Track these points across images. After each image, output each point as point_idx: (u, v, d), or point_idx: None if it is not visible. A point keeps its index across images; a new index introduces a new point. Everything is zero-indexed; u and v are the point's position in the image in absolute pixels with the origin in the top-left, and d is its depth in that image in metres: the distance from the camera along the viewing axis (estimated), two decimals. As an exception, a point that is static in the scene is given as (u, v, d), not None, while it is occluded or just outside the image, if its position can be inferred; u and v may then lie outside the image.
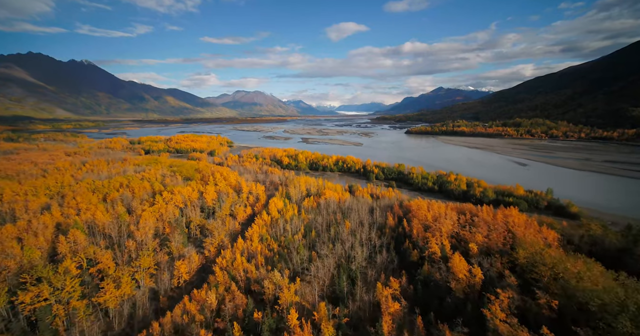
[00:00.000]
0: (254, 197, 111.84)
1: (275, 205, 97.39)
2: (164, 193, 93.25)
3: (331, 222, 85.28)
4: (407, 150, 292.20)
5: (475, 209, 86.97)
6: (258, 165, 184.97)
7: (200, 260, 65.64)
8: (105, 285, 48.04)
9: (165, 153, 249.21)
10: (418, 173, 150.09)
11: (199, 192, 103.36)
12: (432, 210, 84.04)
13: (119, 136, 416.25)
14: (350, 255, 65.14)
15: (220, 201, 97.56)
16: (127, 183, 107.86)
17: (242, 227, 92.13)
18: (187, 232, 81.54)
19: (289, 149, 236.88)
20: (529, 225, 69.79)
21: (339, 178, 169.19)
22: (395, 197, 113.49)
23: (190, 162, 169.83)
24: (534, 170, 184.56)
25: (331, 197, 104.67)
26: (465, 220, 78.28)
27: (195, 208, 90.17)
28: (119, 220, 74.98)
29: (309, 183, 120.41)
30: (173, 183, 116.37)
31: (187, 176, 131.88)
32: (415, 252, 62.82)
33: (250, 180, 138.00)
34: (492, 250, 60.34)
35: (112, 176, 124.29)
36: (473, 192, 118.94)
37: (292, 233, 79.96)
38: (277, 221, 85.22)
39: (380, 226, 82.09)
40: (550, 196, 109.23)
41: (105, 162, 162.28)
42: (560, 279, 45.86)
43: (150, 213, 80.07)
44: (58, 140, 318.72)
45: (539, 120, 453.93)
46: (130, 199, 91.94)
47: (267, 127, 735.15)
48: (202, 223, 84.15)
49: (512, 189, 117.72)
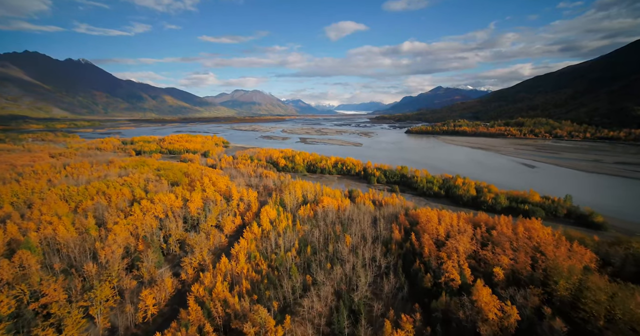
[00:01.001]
0: (245, 205, 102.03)
1: (268, 215, 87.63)
2: (142, 201, 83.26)
3: (329, 236, 75.55)
4: (408, 151, 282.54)
5: (491, 220, 77.44)
6: (253, 167, 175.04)
7: (175, 285, 55.77)
8: (39, 331, 38.06)
9: (157, 154, 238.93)
10: (422, 177, 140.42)
11: (183, 199, 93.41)
12: (443, 222, 74.39)
13: (113, 136, 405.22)
14: (352, 280, 55.41)
15: (207, 210, 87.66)
16: (105, 189, 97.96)
17: (230, 239, 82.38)
18: (165, 248, 71.65)
19: (286, 150, 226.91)
20: (559, 243, 60.23)
21: (338, 182, 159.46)
22: (400, 204, 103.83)
23: (180, 164, 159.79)
24: (544, 173, 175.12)
25: (329, 204, 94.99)
26: (482, 234, 68.81)
27: (177, 219, 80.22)
28: (85, 236, 65.08)
29: (305, 189, 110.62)
30: (157, 189, 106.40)
31: (174, 180, 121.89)
32: (428, 276, 53.10)
33: (243, 184, 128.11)
34: (520, 275, 50.74)
35: (91, 180, 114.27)
36: (484, 198, 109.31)
37: (284, 249, 70.18)
38: (269, 234, 75.43)
39: (385, 240, 72.35)
40: (569, 203, 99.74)
41: (88, 164, 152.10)
42: (619, 321, 36.26)
43: (123, 226, 70.14)
44: (47, 141, 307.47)
45: (542, 120, 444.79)
46: (104, 209, 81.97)
47: (265, 127, 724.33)
48: (183, 238, 74.23)
49: (527, 195, 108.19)
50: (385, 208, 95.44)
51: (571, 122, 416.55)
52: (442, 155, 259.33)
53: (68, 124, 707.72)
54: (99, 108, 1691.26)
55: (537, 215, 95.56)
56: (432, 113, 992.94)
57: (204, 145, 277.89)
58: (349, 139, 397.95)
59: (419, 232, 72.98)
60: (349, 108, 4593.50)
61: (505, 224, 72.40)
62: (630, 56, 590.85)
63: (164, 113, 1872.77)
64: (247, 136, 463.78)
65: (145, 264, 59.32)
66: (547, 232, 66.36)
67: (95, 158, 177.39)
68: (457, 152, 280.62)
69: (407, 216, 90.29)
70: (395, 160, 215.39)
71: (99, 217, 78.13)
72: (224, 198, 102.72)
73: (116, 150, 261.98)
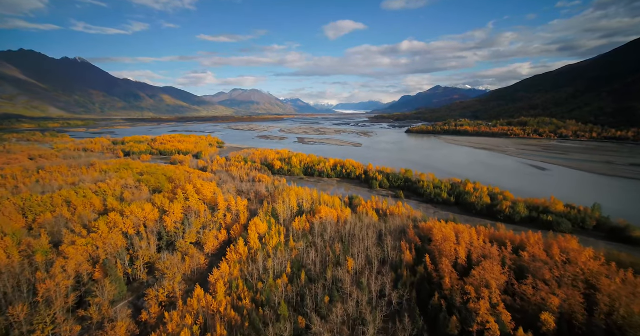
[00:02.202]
0: (233, 215, 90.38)
1: (257, 229, 76.12)
2: (111, 214, 71.45)
3: (328, 257, 64.09)
4: (410, 152, 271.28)
5: (518, 238, 66.10)
6: (246, 170, 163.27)
7: (132, 330, 44.06)
8: None
9: (146, 156, 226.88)
10: (429, 182, 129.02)
11: (161, 210, 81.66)
12: (461, 240, 63.04)
13: (105, 136, 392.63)
14: (357, 323, 43.97)
15: (186, 224, 75.97)
16: (75, 198, 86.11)
17: (212, 259, 70.86)
18: (130, 273, 59.94)
19: (283, 151, 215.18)
20: (610, 271, 48.89)
21: (337, 186, 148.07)
22: (407, 214, 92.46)
23: (166, 167, 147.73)
24: (556, 176, 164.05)
25: (328, 215, 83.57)
26: (510, 256, 57.51)
27: (150, 236, 68.54)
28: (31, 261, 53.38)
29: (301, 197, 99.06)
30: (134, 197, 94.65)
31: (156, 187, 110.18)
32: (454, 320, 41.68)
33: (233, 191, 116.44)
34: (575, 320, 39.34)
35: (62, 187, 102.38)
36: (500, 207, 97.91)
37: (274, 275, 58.66)
38: (257, 254, 63.91)
39: (395, 264, 60.93)
40: (598, 214, 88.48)
41: (66, 167, 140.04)
42: None
43: (81, 247, 58.42)
44: (32, 141, 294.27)
45: (546, 119, 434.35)
46: (65, 223, 70.26)
47: (263, 126, 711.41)
48: (154, 260, 62.57)
49: (548, 203, 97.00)
50: (391, 219, 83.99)
51: (576, 121, 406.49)
52: (446, 156, 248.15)
53: (61, 123, 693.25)
54: (96, 107, 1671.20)
55: (563, 228, 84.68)
56: (431, 113, 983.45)
57: (197, 145, 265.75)
58: (348, 139, 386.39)
59: (434, 253, 61.63)
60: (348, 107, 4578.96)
61: (536, 244, 61.14)
62: (630, 55, 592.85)
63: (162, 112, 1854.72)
64: (244, 136, 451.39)
65: (99, 300, 47.69)
66: (589, 255, 55.05)
67: (77, 161, 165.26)
68: (460, 152, 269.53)
69: (417, 229, 79.04)
70: (397, 161, 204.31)
71: (56, 235, 66.38)
72: (209, 208, 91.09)
73: (104, 151, 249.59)
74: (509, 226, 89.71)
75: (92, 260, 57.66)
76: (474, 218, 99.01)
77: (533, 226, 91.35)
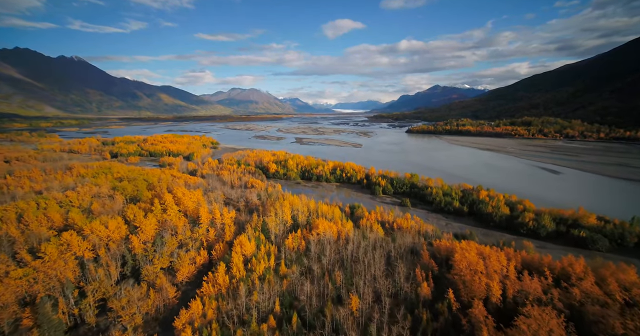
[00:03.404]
0: (217, 230, 78.34)
1: (243, 249, 64.15)
2: (64, 234, 59.23)
3: (326, 287, 52.20)
4: (412, 153, 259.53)
5: (556, 264, 54.33)
6: (238, 173, 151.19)
7: None
8: None
9: (134, 157, 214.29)
10: (438, 188, 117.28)
11: (133, 226, 69.56)
12: (490, 269, 51.26)
13: (96, 135, 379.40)
14: None
15: (158, 244, 63.80)
16: (34, 211, 73.90)
17: (187, 288, 58.79)
18: (77, 315, 47.75)
19: (279, 152, 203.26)
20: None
21: (336, 191, 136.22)
22: (417, 228, 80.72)
23: (152, 171, 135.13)
24: (571, 180, 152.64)
25: (327, 230, 71.66)
26: (549, 289, 45.84)
27: (110, 262, 56.43)
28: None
29: (296, 207, 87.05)
30: (105, 209, 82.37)
31: (133, 195, 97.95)
32: None
33: (221, 199, 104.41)
34: None
35: (25, 196, 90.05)
36: (522, 219, 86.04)
37: (258, 315, 46.73)
38: (239, 285, 51.93)
39: (410, 301, 49.04)
40: (638, 228, 76.87)
41: (40, 171, 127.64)
42: None
43: (14, 281, 46.31)
44: (16, 141, 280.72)
45: (550, 119, 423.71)
46: (8, 246, 58.02)
47: (261, 125, 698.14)
48: (109, 295, 50.39)
49: (576, 215, 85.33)
50: (399, 235, 72.11)
51: (581, 121, 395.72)
52: (450, 157, 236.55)
53: (54, 123, 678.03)
54: (93, 106, 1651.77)
55: (599, 246, 73.06)
56: (431, 112, 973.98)
57: (189, 146, 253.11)
58: (347, 139, 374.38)
59: (457, 285, 49.93)
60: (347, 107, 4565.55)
61: (584, 273, 49.43)
62: (629, 55, 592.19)
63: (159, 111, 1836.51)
64: (240, 136, 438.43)
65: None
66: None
67: (55, 164, 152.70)
68: (465, 153, 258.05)
69: (431, 248, 67.41)
70: (399, 163, 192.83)
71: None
72: (191, 222, 79.07)
73: (92, 152, 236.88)
74: (534, 242, 78.23)
75: (28, 298, 45.57)
76: (492, 232, 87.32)
77: (562, 242, 79.91)
